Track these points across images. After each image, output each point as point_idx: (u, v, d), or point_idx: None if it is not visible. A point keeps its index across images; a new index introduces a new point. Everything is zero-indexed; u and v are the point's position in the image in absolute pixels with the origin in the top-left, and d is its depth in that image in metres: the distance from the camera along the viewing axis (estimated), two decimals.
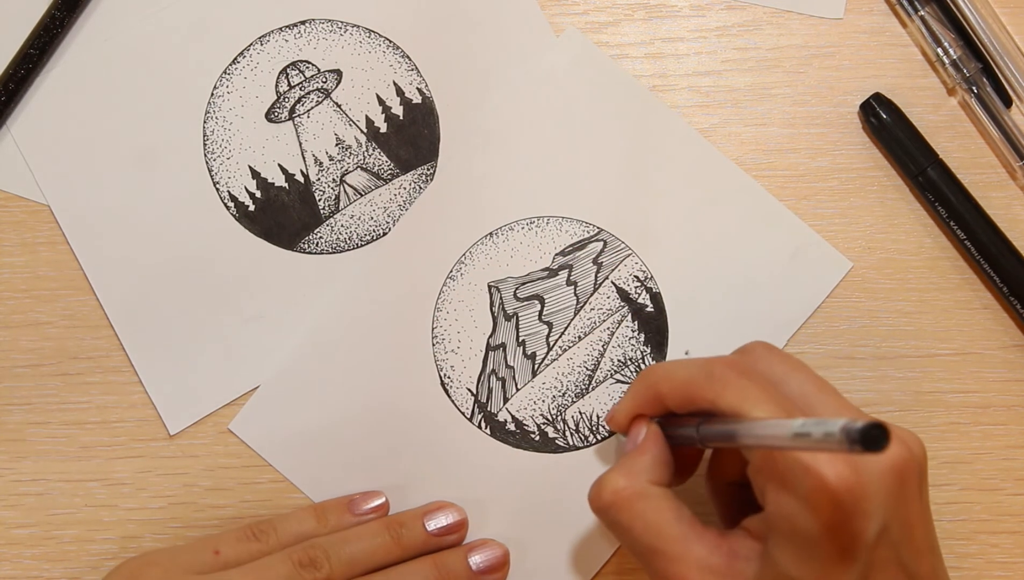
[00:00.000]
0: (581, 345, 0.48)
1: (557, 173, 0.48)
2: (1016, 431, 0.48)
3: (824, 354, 0.48)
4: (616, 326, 0.48)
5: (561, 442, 0.47)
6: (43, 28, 0.48)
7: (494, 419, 0.47)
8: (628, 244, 0.48)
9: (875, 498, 0.35)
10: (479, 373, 0.47)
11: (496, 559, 0.45)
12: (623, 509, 0.39)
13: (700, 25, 0.50)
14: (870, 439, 0.29)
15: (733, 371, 0.39)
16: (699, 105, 0.50)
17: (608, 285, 0.48)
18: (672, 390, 0.40)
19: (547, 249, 0.48)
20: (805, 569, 0.35)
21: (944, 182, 0.48)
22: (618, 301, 0.48)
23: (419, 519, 0.45)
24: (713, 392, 0.38)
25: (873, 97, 0.49)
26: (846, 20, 0.50)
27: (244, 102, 0.49)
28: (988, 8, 0.50)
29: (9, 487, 0.47)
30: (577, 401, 0.47)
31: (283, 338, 0.48)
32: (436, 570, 0.43)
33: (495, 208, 0.48)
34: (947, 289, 0.49)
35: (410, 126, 0.49)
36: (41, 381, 0.48)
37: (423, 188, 0.49)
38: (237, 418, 0.47)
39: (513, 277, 0.48)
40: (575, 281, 0.48)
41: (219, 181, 0.49)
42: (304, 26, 0.49)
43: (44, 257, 0.48)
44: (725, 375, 0.38)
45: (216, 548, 0.42)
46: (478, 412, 0.47)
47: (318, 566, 0.41)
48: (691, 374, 0.40)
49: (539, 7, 0.50)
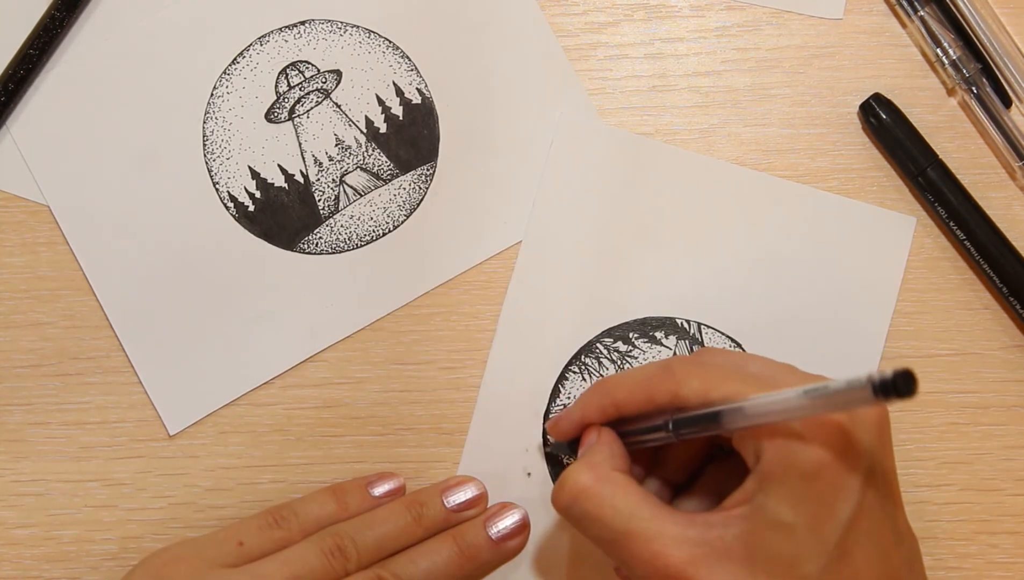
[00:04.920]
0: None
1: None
2: (1016, 431, 0.48)
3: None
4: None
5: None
6: (43, 28, 0.48)
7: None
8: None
9: (863, 441, 0.36)
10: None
11: (516, 525, 0.44)
12: (590, 498, 0.39)
13: (700, 25, 0.50)
14: (902, 384, 0.29)
15: (691, 363, 0.40)
16: (699, 105, 0.50)
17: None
18: (630, 392, 0.41)
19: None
20: (801, 510, 0.35)
21: (944, 182, 0.48)
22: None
23: (438, 496, 0.44)
24: (675, 383, 0.39)
25: (873, 97, 0.49)
26: (846, 20, 0.50)
27: (244, 102, 0.49)
28: (988, 8, 0.50)
29: (9, 487, 0.47)
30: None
31: (283, 338, 0.48)
32: (457, 546, 0.43)
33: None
34: (947, 289, 0.49)
35: (410, 126, 0.49)
36: (41, 381, 0.48)
37: (423, 188, 0.49)
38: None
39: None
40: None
41: (219, 181, 0.49)
42: (304, 26, 0.49)
43: (44, 257, 0.48)
44: (684, 367, 0.39)
45: (239, 539, 0.42)
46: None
47: (347, 554, 0.41)
48: (648, 373, 0.40)
49: (539, 7, 0.50)
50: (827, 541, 0.35)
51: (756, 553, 0.36)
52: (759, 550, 0.36)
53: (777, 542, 0.36)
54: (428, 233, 0.49)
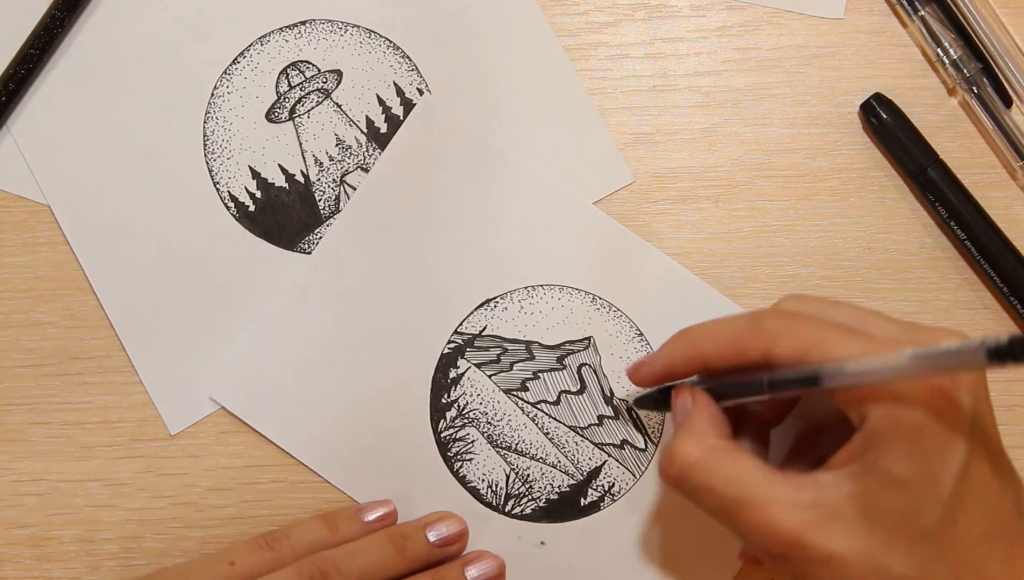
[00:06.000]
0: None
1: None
2: (1016, 431, 0.48)
3: None
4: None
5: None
6: (43, 28, 0.48)
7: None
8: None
9: (965, 403, 0.36)
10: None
11: (492, 571, 0.45)
12: (700, 469, 0.38)
13: (700, 25, 0.50)
14: (1018, 349, 0.30)
15: (781, 318, 0.39)
16: (699, 105, 0.50)
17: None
18: (718, 346, 0.40)
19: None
20: (914, 464, 0.35)
21: (944, 182, 0.48)
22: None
23: (421, 530, 0.45)
24: (767, 341, 0.38)
25: (873, 97, 0.49)
26: (846, 20, 0.50)
27: (244, 102, 0.49)
28: (988, 8, 0.50)
29: (9, 487, 0.47)
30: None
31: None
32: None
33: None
34: (947, 289, 0.49)
35: None
36: (41, 381, 0.48)
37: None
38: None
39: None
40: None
41: (219, 181, 0.49)
42: (304, 26, 0.49)
43: (44, 257, 0.48)
44: (774, 324, 0.38)
45: (230, 560, 0.42)
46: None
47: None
48: (736, 328, 0.40)
49: (539, 7, 0.50)
50: (942, 492, 0.35)
51: (872, 510, 0.36)
52: (875, 506, 0.36)
53: (893, 497, 0.36)
54: None
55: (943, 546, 0.36)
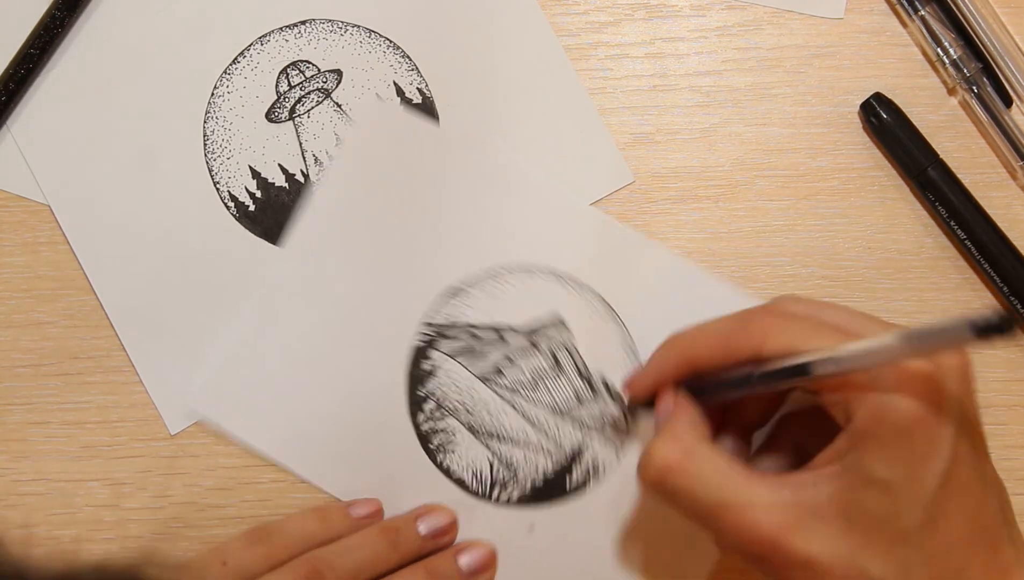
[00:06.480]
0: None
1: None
2: (1016, 431, 0.48)
3: None
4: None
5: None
6: (43, 28, 0.48)
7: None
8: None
9: (951, 390, 0.35)
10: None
11: (484, 559, 0.45)
12: (678, 472, 0.38)
13: (700, 25, 0.50)
14: (1003, 323, 0.30)
15: (771, 316, 0.39)
16: (699, 105, 0.50)
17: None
18: (709, 349, 0.40)
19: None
20: (896, 466, 0.35)
21: (944, 182, 0.48)
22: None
23: (412, 523, 0.45)
24: (758, 340, 0.38)
25: (873, 97, 0.49)
26: (846, 20, 0.50)
27: (244, 102, 0.49)
28: (988, 8, 0.50)
29: (9, 487, 0.47)
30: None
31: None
32: (428, 575, 0.44)
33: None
34: (947, 289, 0.49)
35: None
36: (42, 381, 0.48)
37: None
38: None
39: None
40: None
41: (219, 181, 0.49)
42: (304, 26, 0.49)
43: (44, 257, 0.48)
44: (765, 321, 0.38)
45: (223, 559, 0.42)
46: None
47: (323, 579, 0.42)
48: (725, 327, 0.40)
49: (539, 7, 0.50)
50: (923, 496, 0.35)
51: (851, 511, 0.35)
52: (855, 508, 0.35)
53: (873, 499, 0.35)
54: None
55: (924, 550, 0.35)
